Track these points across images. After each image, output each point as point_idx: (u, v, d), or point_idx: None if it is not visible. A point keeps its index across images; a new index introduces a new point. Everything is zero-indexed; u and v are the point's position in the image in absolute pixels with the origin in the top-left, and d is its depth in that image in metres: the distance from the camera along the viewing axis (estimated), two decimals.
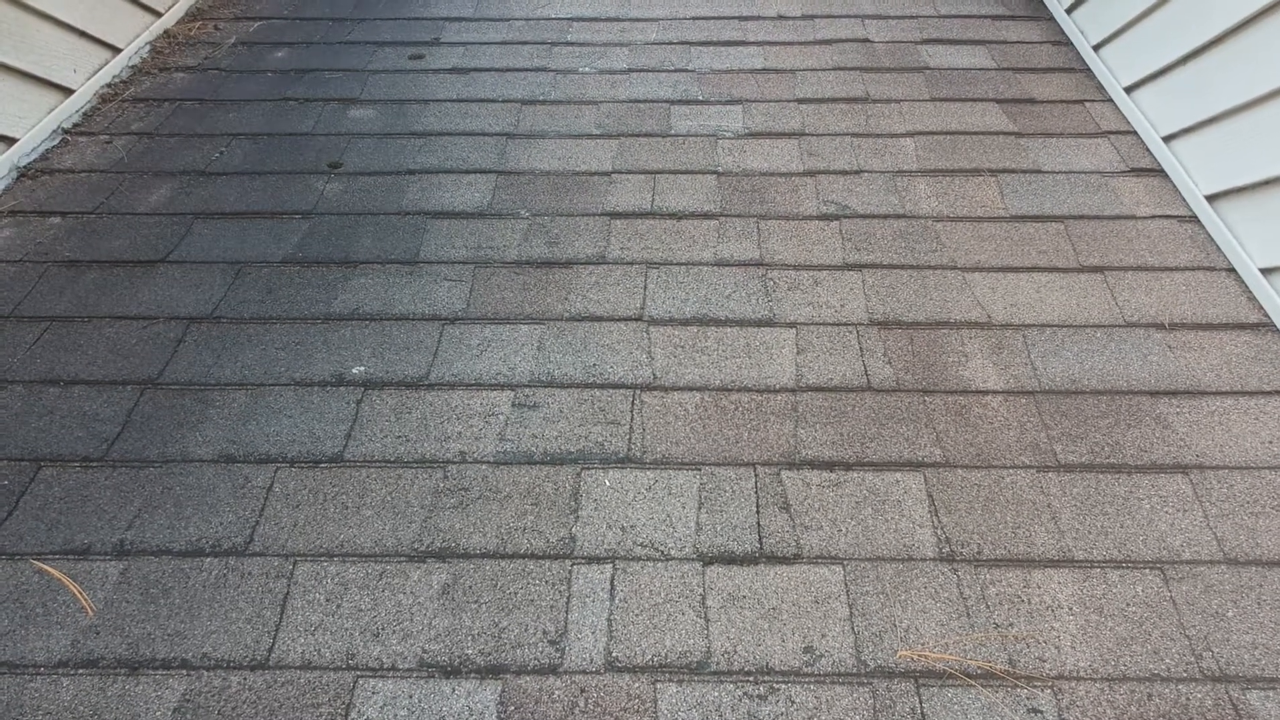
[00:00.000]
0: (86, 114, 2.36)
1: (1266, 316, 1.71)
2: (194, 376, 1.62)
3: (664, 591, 1.28)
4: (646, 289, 1.82)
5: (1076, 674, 1.18)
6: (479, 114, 2.39)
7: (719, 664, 1.20)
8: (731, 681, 1.18)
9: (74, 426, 1.52)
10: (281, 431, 1.51)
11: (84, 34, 2.37)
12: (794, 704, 1.15)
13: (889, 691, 1.16)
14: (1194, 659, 1.19)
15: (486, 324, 1.74)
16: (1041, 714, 1.14)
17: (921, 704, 1.15)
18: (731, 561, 1.32)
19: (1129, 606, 1.26)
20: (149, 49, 2.67)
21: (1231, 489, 1.41)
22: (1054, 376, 1.61)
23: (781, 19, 2.87)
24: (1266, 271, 1.73)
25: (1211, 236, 1.91)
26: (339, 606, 1.26)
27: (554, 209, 2.04)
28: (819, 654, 1.21)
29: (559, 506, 1.40)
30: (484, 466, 1.46)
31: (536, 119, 2.37)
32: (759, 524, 1.37)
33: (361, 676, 1.18)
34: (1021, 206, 2.03)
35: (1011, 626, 1.24)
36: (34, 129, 2.18)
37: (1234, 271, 1.82)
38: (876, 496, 1.41)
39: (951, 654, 1.20)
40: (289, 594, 1.28)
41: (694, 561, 1.32)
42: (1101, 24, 2.48)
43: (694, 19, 2.87)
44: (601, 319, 1.74)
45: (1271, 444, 1.47)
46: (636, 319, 1.75)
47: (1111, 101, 2.37)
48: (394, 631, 1.23)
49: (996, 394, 1.58)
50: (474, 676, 1.18)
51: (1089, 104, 2.37)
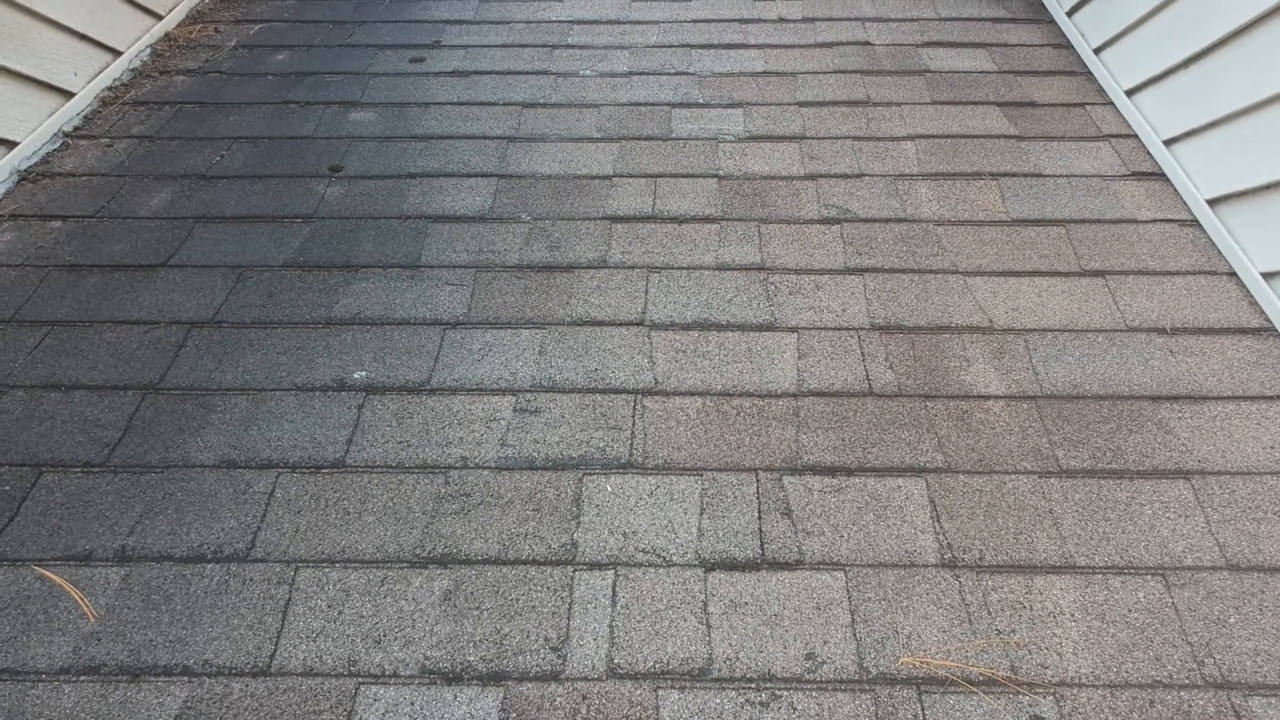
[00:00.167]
0: (87, 117, 2.36)
1: (1268, 321, 1.71)
2: (195, 381, 1.62)
3: (666, 598, 1.28)
4: (648, 293, 1.82)
5: (1078, 680, 1.18)
6: (480, 117, 2.39)
7: (721, 671, 1.20)
8: (733, 688, 1.18)
9: (75, 432, 1.52)
10: (283, 437, 1.51)
11: (84, 37, 2.37)
12: (796, 711, 1.15)
13: (891, 699, 1.16)
14: (1196, 665, 1.19)
15: (488, 328, 1.74)
16: None
17: (924, 711, 1.15)
18: (733, 567, 1.32)
19: (1131, 613, 1.26)
20: (150, 52, 2.67)
21: (1233, 494, 1.41)
22: (1055, 381, 1.61)
23: (782, 22, 2.87)
24: (1268, 276, 1.73)
25: (1213, 240, 1.91)
26: (341, 613, 1.26)
27: (555, 213, 2.04)
28: (821, 661, 1.21)
29: (561, 512, 1.40)
30: (485, 472, 1.46)
31: (537, 122, 2.37)
32: (761, 530, 1.37)
33: (363, 683, 1.18)
34: (1022, 210, 2.03)
35: (1014, 633, 1.24)
36: (34, 132, 2.18)
37: (1235, 276, 1.82)
38: (878, 502, 1.41)
39: (953, 660, 1.20)
40: (291, 600, 1.28)
41: (696, 567, 1.32)
42: (1102, 27, 2.48)
43: (694, 22, 2.87)
44: (603, 323, 1.74)
45: (1273, 449, 1.47)
46: (638, 323, 1.74)
47: (1112, 105, 2.37)
48: (396, 638, 1.23)
49: (998, 399, 1.58)
50: (476, 683, 1.18)
51: (1090, 107, 2.37)
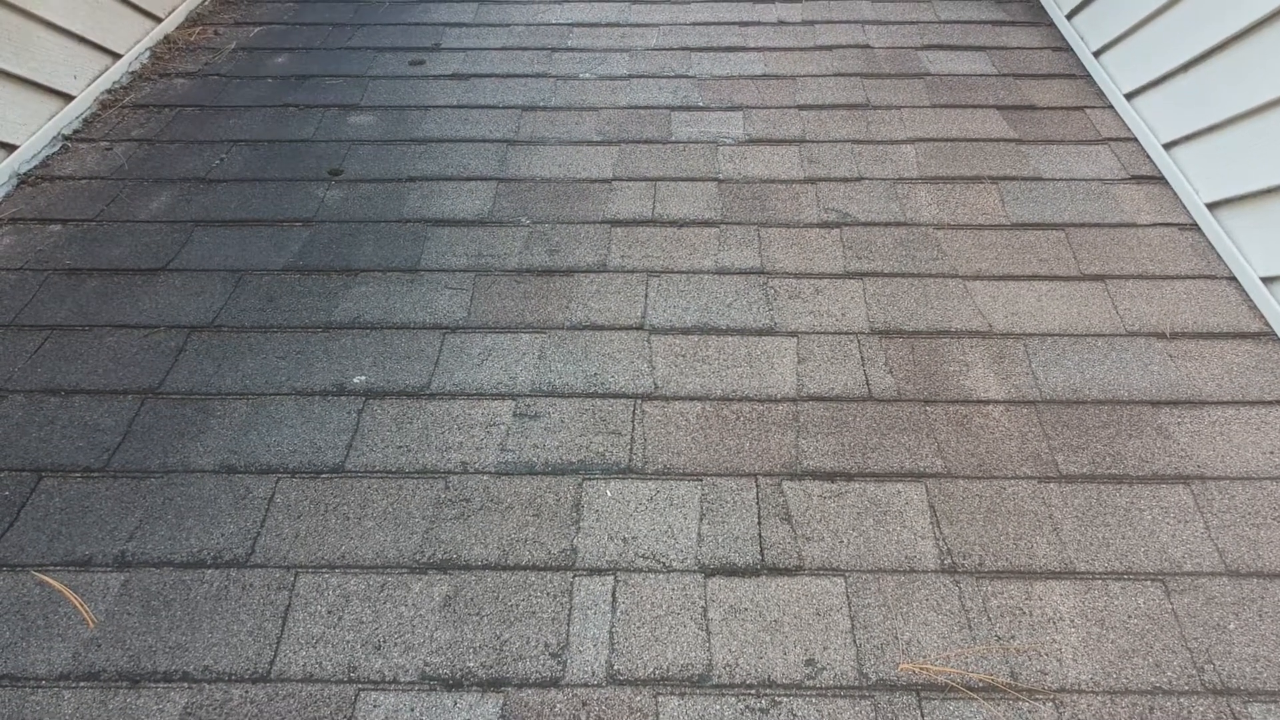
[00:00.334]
0: (87, 120, 2.36)
1: (1268, 325, 1.71)
2: (195, 386, 1.62)
3: (666, 603, 1.28)
4: (647, 297, 1.82)
5: (1078, 686, 1.18)
6: (479, 120, 2.39)
7: (721, 677, 1.20)
8: (733, 694, 1.18)
9: (75, 436, 1.52)
10: (283, 442, 1.51)
11: (84, 40, 2.37)
12: (795, 717, 1.15)
13: (890, 705, 1.16)
14: (1196, 672, 1.19)
15: (487, 333, 1.74)
16: None
17: (923, 717, 1.15)
18: (733, 573, 1.32)
19: (1130, 619, 1.26)
20: (149, 55, 2.67)
21: (1233, 500, 1.41)
22: (1055, 386, 1.61)
23: (782, 24, 2.87)
24: (1268, 280, 1.73)
25: (1212, 245, 1.91)
26: (340, 619, 1.26)
27: (555, 216, 2.04)
28: (821, 667, 1.21)
29: (560, 518, 1.40)
30: (485, 477, 1.46)
31: (537, 125, 2.37)
32: (760, 535, 1.37)
33: (363, 689, 1.18)
34: (1022, 214, 2.03)
35: (1013, 639, 1.24)
36: (34, 136, 2.18)
37: (1235, 280, 1.82)
38: (878, 507, 1.41)
39: (953, 667, 1.20)
40: (290, 606, 1.28)
41: (695, 573, 1.32)
42: (1102, 30, 2.48)
43: (694, 24, 2.88)
44: (603, 328, 1.74)
45: (1273, 454, 1.47)
46: (637, 328, 1.75)
47: (1112, 108, 2.38)
48: (395, 644, 1.23)
49: (998, 404, 1.58)
50: (476, 689, 1.18)
51: (1089, 110, 2.37)
